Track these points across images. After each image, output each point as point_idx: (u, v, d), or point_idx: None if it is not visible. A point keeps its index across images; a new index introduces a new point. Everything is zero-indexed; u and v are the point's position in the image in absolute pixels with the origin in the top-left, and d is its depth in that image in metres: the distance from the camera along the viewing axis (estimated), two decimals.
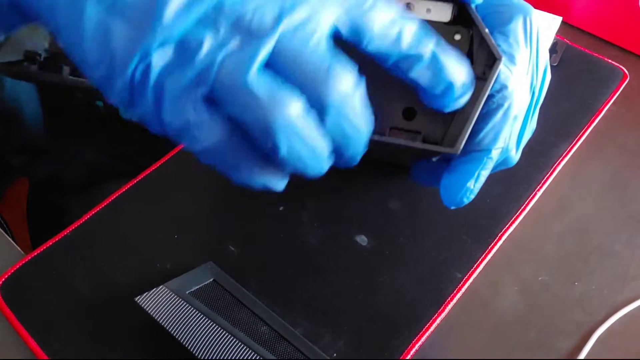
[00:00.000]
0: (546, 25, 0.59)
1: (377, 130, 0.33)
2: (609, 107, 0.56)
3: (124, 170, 0.63)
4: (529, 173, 0.50)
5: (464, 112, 0.31)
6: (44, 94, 0.61)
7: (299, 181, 0.50)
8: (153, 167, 0.51)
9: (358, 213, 0.48)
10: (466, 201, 0.34)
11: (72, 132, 0.64)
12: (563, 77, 0.57)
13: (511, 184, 0.49)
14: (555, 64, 0.59)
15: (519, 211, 0.48)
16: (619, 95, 0.57)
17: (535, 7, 0.59)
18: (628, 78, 0.58)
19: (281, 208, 0.48)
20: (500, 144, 0.33)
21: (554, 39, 0.60)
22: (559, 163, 0.51)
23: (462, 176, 0.34)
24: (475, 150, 0.33)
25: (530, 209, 0.48)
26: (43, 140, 0.64)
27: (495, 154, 0.33)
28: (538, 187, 0.50)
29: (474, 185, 0.34)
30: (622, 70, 0.59)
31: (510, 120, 0.33)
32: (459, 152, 0.30)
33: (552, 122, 0.53)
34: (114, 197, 0.48)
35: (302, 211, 0.48)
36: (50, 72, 0.34)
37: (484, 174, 0.34)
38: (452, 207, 0.35)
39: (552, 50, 0.60)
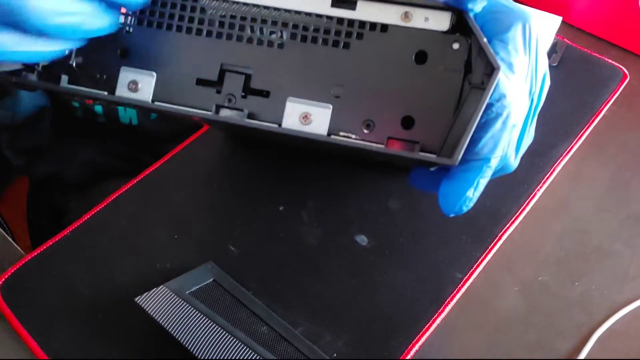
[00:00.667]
0: (546, 26, 0.59)
1: (376, 139, 0.33)
2: (609, 107, 0.56)
3: (124, 170, 0.63)
4: (529, 173, 0.50)
5: (463, 120, 0.31)
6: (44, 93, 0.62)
7: (299, 181, 0.50)
8: (153, 167, 0.51)
9: (358, 213, 0.48)
10: (465, 209, 0.34)
11: (72, 132, 0.64)
12: (563, 77, 0.57)
13: (511, 184, 0.49)
14: (555, 64, 0.59)
15: (518, 211, 0.48)
16: (619, 95, 0.57)
17: (535, 7, 0.60)
18: (628, 78, 0.58)
19: (281, 208, 0.48)
20: (499, 152, 0.33)
21: (554, 39, 0.60)
22: (559, 163, 0.51)
23: (461, 185, 0.33)
24: (474, 159, 0.33)
25: (530, 209, 0.48)
26: (43, 140, 0.64)
27: (494, 162, 0.33)
28: (538, 187, 0.49)
29: (473, 194, 0.34)
30: (622, 70, 0.59)
31: (509, 129, 0.33)
32: (457, 163, 0.30)
33: (552, 122, 0.53)
34: (114, 197, 0.48)
35: (302, 211, 0.48)
36: (49, 81, 0.34)
37: (483, 182, 0.34)
38: (451, 215, 0.35)
39: (552, 50, 0.60)
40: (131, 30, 0.34)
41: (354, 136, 0.33)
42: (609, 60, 0.59)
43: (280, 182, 0.49)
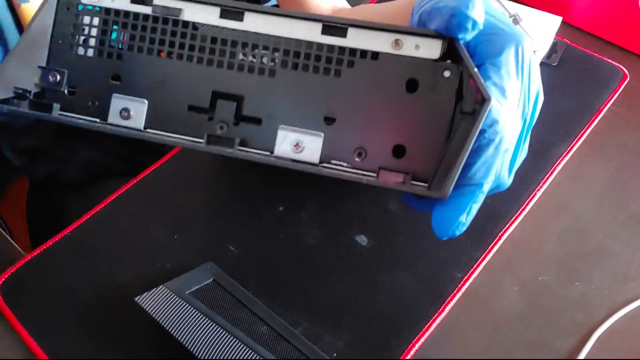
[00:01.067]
0: (546, 25, 0.59)
1: (367, 167, 0.33)
2: (609, 107, 0.56)
3: (124, 169, 0.63)
4: (529, 173, 0.50)
5: (454, 150, 0.31)
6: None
7: (299, 181, 0.50)
8: (153, 167, 0.51)
9: (358, 213, 0.48)
10: (458, 233, 0.34)
11: (72, 132, 0.64)
12: (563, 77, 0.57)
13: (511, 184, 0.49)
14: (555, 64, 0.59)
15: (518, 211, 0.48)
16: (619, 95, 0.57)
17: (535, 7, 0.60)
18: (628, 78, 0.58)
19: (281, 208, 0.48)
20: (491, 178, 0.33)
21: (554, 39, 0.60)
22: (559, 163, 0.51)
23: (454, 210, 0.33)
24: (467, 184, 0.33)
25: (530, 209, 0.48)
26: (43, 140, 0.64)
27: (486, 187, 0.33)
28: (538, 187, 0.50)
29: (466, 219, 0.34)
30: (622, 70, 0.59)
31: (501, 154, 0.33)
32: (447, 197, 0.30)
33: (552, 122, 0.53)
34: (114, 197, 0.48)
35: (302, 211, 0.48)
36: (41, 110, 0.34)
37: (476, 207, 0.34)
38: (445, 239, 0.34)
39: (552, 50, 0.60)
40: (122, 56, 0.34)
41: (345, 164, 0.33)
42: (609, 60, 0.59)
43: (280, 182, 0.49)
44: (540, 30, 0.58)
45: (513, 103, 0.33)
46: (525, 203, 0.48)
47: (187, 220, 0.47)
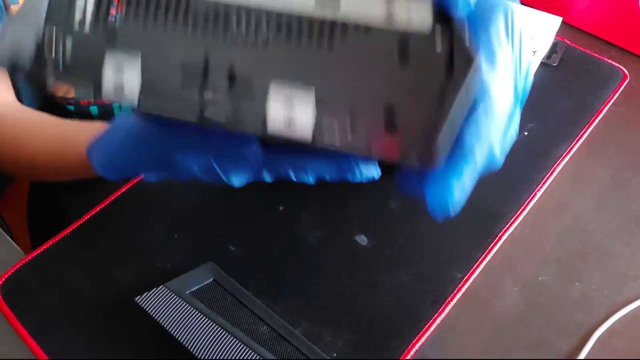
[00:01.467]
0: (546, 25, 0.59)
1: (360, 140, 0.33)
2: (609, 107, 0.56)
3: None
4: (529, 173, 0.50)
5: (443, 116, 0.31)
6: (40, 94, 0.61)
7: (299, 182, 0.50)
8: None
9: (358, 213, 0.48)
10: (453, 211, 0.34)
11: None
12: (563, 77, 0.57)
13: (511, 184, 0.49)
14: (555, 64, 0.59)
15: (518, 211, 0.48)
16: (619, 95, 0.57)
17: (535, 7, 0.60)
18: (628, 78, 0.58)
19: (281, 208, 0.48)
20: (484, 143, 0.33)
21: (554, 39, 0.60)
22: (559, 163, 0.51)
23: (447, 176, 0.33)
24: (458, 149, 0.33)
25: (530, 209, 0.48)
26: None
27: (479, 153, 0.33)
28: (538, 187, 0.49)
29: (459, 184, 0.33)
30: (622, 70, 0.59)
31: (491, 117, 0.33)
32: (436, 164, 0.30)
33: (552, 122, 0.53)
34: (114, 197, 0.48)
35: (302, 211, 0.48)
36: (37, 82, 0.34)
37: (468, 175, 0.33)
38: (440, 219, 0.34)
39: (552, 50, 0.60)
40: (117, 24, 0.34)
41: (338, 136, 0.33)
42: (609, 61, 0.59)
43: (280, 181, 0.49)
44: (540, 31, 0.58)
45: (504, 69, 0.33)
46: (525, 203, 0.48)
47: (187, 220, 0.47)
